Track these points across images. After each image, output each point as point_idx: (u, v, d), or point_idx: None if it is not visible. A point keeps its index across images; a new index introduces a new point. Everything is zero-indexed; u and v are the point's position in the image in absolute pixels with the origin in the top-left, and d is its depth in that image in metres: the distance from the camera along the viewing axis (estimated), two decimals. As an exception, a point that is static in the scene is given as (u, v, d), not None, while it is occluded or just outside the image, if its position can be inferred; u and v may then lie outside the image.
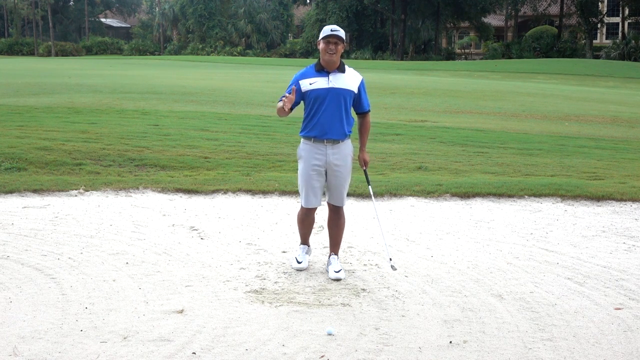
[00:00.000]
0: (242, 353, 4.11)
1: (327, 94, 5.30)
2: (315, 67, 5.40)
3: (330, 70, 5.34)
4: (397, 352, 4.17)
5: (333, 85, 5.32)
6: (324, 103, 5.31)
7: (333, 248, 5.66)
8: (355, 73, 5.47)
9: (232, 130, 13.43)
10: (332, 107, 5.32)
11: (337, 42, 5.28)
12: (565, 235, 6.96)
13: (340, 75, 5.36)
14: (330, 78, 5.33)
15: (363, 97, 5.47)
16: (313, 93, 5.31)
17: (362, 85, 5.46)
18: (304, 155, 5.47)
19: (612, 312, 4.86)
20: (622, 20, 69.75)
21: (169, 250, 6.17)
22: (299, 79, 5.37)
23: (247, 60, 63.04)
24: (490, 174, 9.81)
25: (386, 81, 31.45)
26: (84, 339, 4.25)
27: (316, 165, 5.42)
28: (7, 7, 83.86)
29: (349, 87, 5.36)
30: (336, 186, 5.49)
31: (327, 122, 5.32)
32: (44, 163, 9.71)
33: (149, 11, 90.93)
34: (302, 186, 5.54)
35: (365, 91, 5.50)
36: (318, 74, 5.35)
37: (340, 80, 5.34)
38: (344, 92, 5.33)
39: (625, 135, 15.38)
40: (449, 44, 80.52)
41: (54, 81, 26.09)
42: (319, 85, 5.31)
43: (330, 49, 5.26)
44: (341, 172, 5.45)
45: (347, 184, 5.57)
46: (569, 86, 34.71)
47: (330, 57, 5.28)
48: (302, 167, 5.51)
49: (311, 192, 5.50)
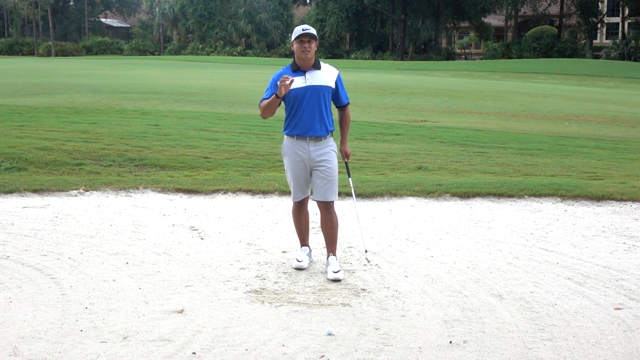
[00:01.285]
0: (242, 353, 4.11)
1: (305, 92, 5.41)
2: (291, 67, 5.50)
3: (306, 69, 5.45)
4: (397, 352, 4.17)
5: (310, 83, 5.42)
6: (303, 101, 5.41)
7: (330, 248, 5.68)
8: (331, 68, 5.57)
9: (232, 130, 13.43)
10: (312, 105, 5.42)
11: (310, 40, 5.39)
12: (565, 235, 6.96)
13: (316, 73, 5.47)
14: (306, 76, 5.44)
15: (340, 91, 5.57)
16: (292, 93, 5.40)
17: (339, 79, 5.57)
18: (287, 152, 5.60)
19: (612, 312, 4.86)
20: (622, 20, 69.74)
21: (169, 250, 6.17)
22: (277, 80, 5.40)
23: (247, 60, 63.04)
24: (490, 174, 9.81)
25: (386, 81, 31.45)
26: (84, 339, 4.25)
27: (299, 160, 5.53)
28: (7, 7, 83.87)
29: (326, 83, 5.47)
30: (321, 182, 5.54)
31: (307, 120, 5.43)
32: (44, 163, 9.71)
33: (149, 11, 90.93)
34: (290, 180, 5.68)
35: (342, 85, 5.60)
36: (295, 74, 5.43)
37: (317, 78, 5.45)
38: (321, 88, 5.44)
39: (625, 135, 15.38)
40: (449, 44, 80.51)
41: (54, 81, 26.09)
42: (297, 84, 5.38)
43: (304, 47, 5.37)
44: (326, 167, 5.51)
45: (334, 181, 5.58)
46: (569, 86, 34.71)
47: (305, 55, 5.38)
48: (287, 162, 5.65)
49: (297, 185, 5.64)
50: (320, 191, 5.57)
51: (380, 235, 6.81)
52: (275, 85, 5.41)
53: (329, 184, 5.55)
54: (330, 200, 5.60)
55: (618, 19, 71.35)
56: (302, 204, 5.76)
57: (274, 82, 5.43)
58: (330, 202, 5.62)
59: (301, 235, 5.87)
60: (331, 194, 5.58)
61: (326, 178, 5.54)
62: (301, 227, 5.84)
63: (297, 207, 5.78)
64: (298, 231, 5.87)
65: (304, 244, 5.86)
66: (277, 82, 5.37)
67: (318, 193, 5.59)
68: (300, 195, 5.69)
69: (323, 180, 5.55)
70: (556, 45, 65.12)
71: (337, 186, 5.63)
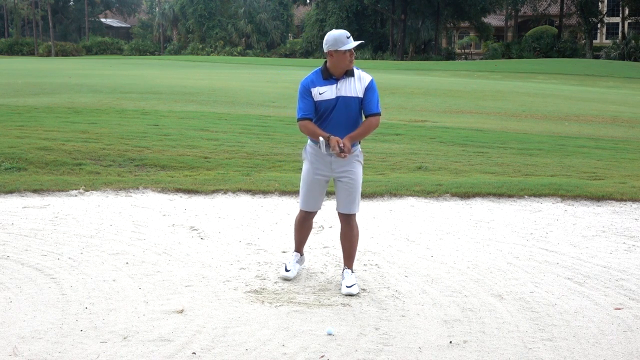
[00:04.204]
0: (242, 353, 4.11)
1: (335, 103, 5.18)
2: (322, 74, 5.21)
3: (339, 77, 5.18)
4: (397, 352, 4.17)
5: (340, 94, 5.17)
6: (333, 112, 5.19)
7: (347, 262, 5.38)
8: (364, 76, 5.26)
9: (232, 130, 13.43)
10: (340, 116, 5.19)
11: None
12: (565, 235, 6.96)
13: (348, 81, 5.20)
14: (338, 85, 5.18)
15: (368, 99, 5.23)
16: (323, 104, 5.18)
17: (370, 87, 5.24)
18: (309, 158, 5.35)
19: (612, 312, 4.86)
20: (622, 20, 69.77)
21: (169, 250, 6.17)
22: (310, 87, 5.18)
23: (247, 60, 63.02)
24: (490, 174, 9.81)
25: (386, 81, 31.44)
26: (84, 339, 4.25)
27: (320, 169, 5.31)
28: (7, 7, 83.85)
29: (355, 94, 5.19)
30: (344, 194, 5.32)
31: (335, 131, 5.16)
32: (44, 163, 9.71)
33: (149, 11, 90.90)
34: (304, 188, 5.41)
35: (373, 92, 5.25)
36: (326, 82, 5.18)
37: (349, 87, 5.19)
38: (351, 100, 5.19)
39: (625, 135, 15.38)
40: (449, 44, 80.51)
41: (54, 81, 26.09)
42: (328, 95, 5.16)
43: (352, 59, 5.13)
44: (349, 179, 5.28)
45: (357, 192, 5.34)
46: (569, 86, 34.71)
47: (350, 65, 5.15)
48: (306, 168, 5.37)
49: (311, 195, 5.39)
50: (343, 203, 5.33)
51: (380, 235, 6.81)
52: (307, 93, 5.17)
53: (351, 195, 5.30)
54: (352, 213, 5.37)
55: (618, 19, 71.37)
56: (309, 215, 5.50)
57: (306, 90, 5.18)
58: (352, 215, 5.38)
59: (299, 242, 5.63)
60: (354, 207, 5.35)
61: (349, 190, 5.29)
62: (301, 236, 5.60)
63: (303, 216, 5.52)
64: (297, 237, 5.63)
65: (298, 250, 5.63)
66: (309, 90, 5.15)
67: (341, 205, 5.35)
68: (311, 205, 5.42)
69: (345, 192, 5.30)
70: (556, 45, 65.13)
71: (359, 197, 5.39)
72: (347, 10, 70.36)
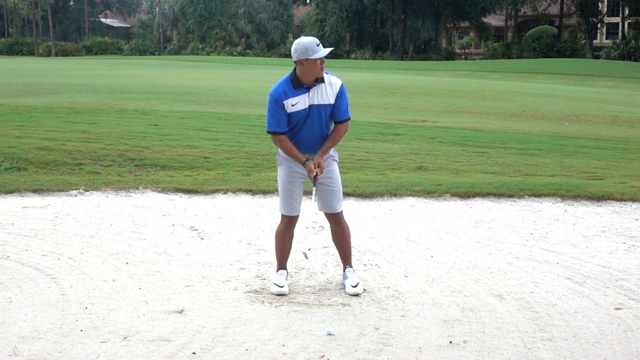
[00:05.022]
0: (242, 353, 4.12)
1: (308, 113, 5.10)
2: (292, 83, 5.06)
3: (310, 85, 5.06)
4: (397, 352, 4.17)
5: (313, 102, 5.08)
6: (306, 122, 5.12)
7: (346, 260, 5.38)
8: (334, 81, 5.14)
9: (232, 130, 13.43)
10: (313, 124, 5.13)
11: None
12: (565, 235, 6.96)
13: (320, 88, 5.07)
14: (310, 94, 5.08)
15: (338, 105, 5.14)
16: (297, 115, 5.09)
17: (340, 92, 5.14)
18: (285, 162, 5.25)
19: (612, 312, 4.86)
20: (622, 20, 69.74)
21: (169, 250, 6.17)
22: (282, 100, 5.04)
23: (247, 60, 63.00)
24: (490, 174, 9.81)
25: (386, 81, 31.44)
26: (84, 339, 4.25)
27: (296, 173, 5.23)
28: (7, 7, 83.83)
29: (328, 101, 5.11)
30: (327, 195, 5.27)
31: (307, 139, 5.14)
32: (44, 163, 9.72)
33: (149, 11, 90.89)
34: (283, 192, 5.28)
35: (343, 98, 5.16)
36: (298, 92, 5.05)
37: (320, 95, 5.09)
38: (322, 108, 5.11)
39: (625, 135, 15.37)
40: (449, 44, 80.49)
41: (54, 81, 26.09)
42: (301, 105, 5.06)
43: (322, 67, 5.03)
44: (329, 179, 5.24)
45: (340, 190, 5.33)
46: (569, 86, 34.70)
47: (320, 72, 5.05)
48: (283, 173, 5.27)
49: (292, 198, 5.28)
50: (329, 204, 5.29)
51: (380, 235, 6.81)
52: (279, 106, 5.04)
53: (335, 195, 5.28)
54: (338, 212, 5.35)
55: (618, 19, 71.34)
56: (292, 221, 5.34)
57: (278, 103, 5.04)
58: (339, 213, 5.35)
59: (281, 257, 5.35)
60: (340, 205, 5.34)
61: (331, 190, 5.26)
62: (284, 248, 5.35)
63: (285, 225, 5.33)
64: (279, 252, 5.35)
65: (282, 267, 5.32)
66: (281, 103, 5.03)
67: (326, 206, 5.31)
68: (292, 209, 5.29)
69: (329, 193, 5.26)
70: (556, 45, 65.10)
71: (342, 194, 5.37)
72: (347, 10, 70.35)
